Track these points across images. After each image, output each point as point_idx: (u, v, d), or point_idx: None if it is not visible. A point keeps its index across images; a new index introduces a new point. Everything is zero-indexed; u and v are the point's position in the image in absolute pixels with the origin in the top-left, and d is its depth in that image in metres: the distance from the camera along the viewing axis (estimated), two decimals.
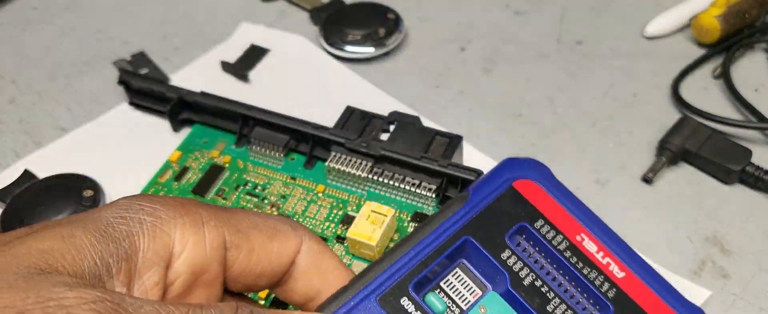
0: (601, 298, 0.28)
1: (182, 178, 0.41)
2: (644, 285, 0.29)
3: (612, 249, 0.29)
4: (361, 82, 0.47)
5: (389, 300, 0.27)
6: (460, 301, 0.28)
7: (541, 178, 0.31)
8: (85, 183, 0.39)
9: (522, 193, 0.30)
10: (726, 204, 0.39)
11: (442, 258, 0.28)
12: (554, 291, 0.28)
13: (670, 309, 0.28)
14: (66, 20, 0.53)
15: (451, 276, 0.29)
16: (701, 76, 0.46)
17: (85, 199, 0.38)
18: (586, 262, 0.29)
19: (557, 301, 0.28)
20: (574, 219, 0.30)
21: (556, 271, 0.29)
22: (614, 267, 0.29)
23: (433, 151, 0.39)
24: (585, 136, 0.43)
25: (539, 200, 0.30)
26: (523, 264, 0.29)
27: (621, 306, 0.28)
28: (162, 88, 0.43)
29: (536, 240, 0.29)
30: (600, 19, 0.51)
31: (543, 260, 0.29)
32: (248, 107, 0.41)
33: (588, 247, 0.29)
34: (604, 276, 0.29)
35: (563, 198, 0.30)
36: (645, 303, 0.28)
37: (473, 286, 0.29)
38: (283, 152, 0.41)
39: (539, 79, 0.47)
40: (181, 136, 0.44)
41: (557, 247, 0.29)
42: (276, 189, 0.40)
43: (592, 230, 0.30)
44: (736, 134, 0.42)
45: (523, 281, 0.28)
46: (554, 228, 0.29)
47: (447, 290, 0.29)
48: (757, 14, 0.47)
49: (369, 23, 0.48)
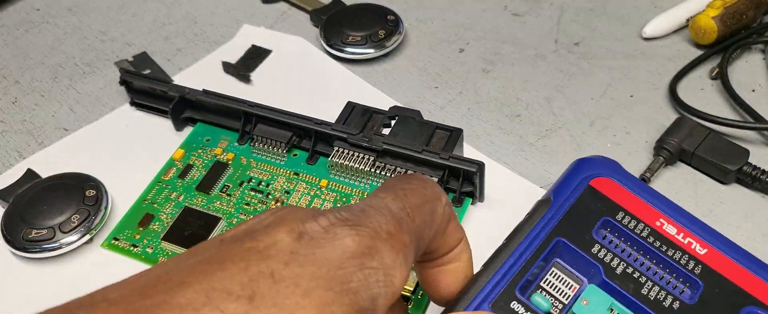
0: (689, 276, 0.30)
1: (186, 176, 0.41)
2: (727, 258, 0.31)
3: (691, 229, 0.32)
4: (361, 82, 0.47)
5: (501, 305, 0.29)
6: (561, 297, 0.31)
7: (613, 174, 0.33)
8: (87, 182, 0.40)
9: (600, 190, 0.33)
10: (723, 204, 0.39)
11: (540, 261, 0.31)
12: (646, 276, 0.31)
13: (757, 278, 0.30)
14: (69, 21, 0.54)
15: (549, 276, 0.31)
16: (698, 76, 0.47)
17: (87, 199, 0.39)
18: (669, 245, 0.31)
19: (650, 284, 0.30)
20: (651, 206, 0.33)
21: (644, 257, 0.31)
22: (696, 245, 0.31)
23: (434, 145, 0.39)
24: (583, 136, 0.43)
25: (616, 194, 0.33)
26: (613, 255, 0.31)
27: (710, 281, 0.30)
28: (164, 87, 0.43)
29: (621, 232, 0.32)
30: (598, 20, 0.51)
31: (630, 249, 0.31)
32: (250, 104, 0.41)
33: (668, 231, 0.32)
34: (689, 255, 0.31)
35: (637, 188, 0.33)
36: (732, 275, 0.31)
37: (571, 282, 0.31)
38: (285, 148, 0.41)
39: (537, 80, 0.47)
40: (184, 134, 0.44)
41: (640, 235, 0.32)
42: (280, 185, 0.40)
43: (669, 214, 0.32)
44: (733, 134, 0.43)
45: (616, 270, 0.31)
46: (635, 217, 0.32)
47: (548, 289, 0.31)
48: (753, 15, 0.48)
49: (369, 24, 0.49)
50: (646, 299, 0.30)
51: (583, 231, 0.32)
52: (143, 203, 0.40)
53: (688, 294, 0.30)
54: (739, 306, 0.30)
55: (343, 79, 0.48)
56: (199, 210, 0.39)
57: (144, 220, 0.39)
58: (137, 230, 0.39)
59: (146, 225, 0.39)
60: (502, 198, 0.40)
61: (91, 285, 0.28)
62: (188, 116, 0.44)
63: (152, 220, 0.39)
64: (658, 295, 0.30)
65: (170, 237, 0.38)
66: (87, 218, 0.38)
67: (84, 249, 0.38)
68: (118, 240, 0.39)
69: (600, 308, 0.30)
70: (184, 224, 0.39)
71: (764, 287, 0.30)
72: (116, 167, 0.43)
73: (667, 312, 0.29)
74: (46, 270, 0.38)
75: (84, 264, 0.38)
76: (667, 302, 0.30)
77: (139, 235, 0.39)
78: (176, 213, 0.39)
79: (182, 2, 0.55)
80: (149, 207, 0.40)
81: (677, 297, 0.30)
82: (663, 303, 0.30)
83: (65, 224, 0.37)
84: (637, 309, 0.30)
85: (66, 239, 0.37)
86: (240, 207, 0.40)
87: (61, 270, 0.38)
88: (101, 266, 0.38)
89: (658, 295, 0.30)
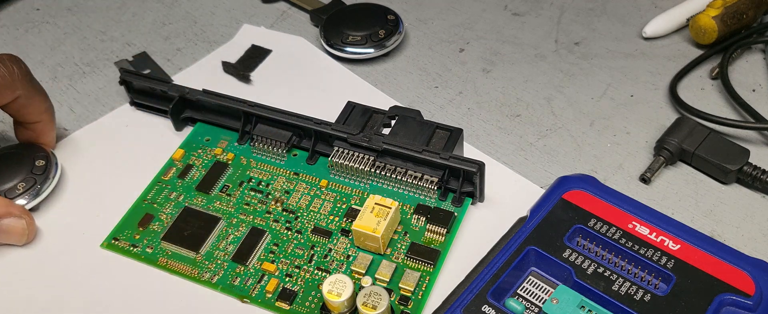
0: (662, 270, 0.33)
1: (186, 176, 0.41)
2: (700, 250, 0.33)
3: (663, 228, 0.34)
4: (361, 82, 0.47)
5: (472, 309, 0.32)
6: (536, 300, 0.33)
7: (587, 186, 0.36)
8: (38, 153, 0.41)
9: (572, 202, 0.35)
10: (723, 204, 0.39)
11: (512, 269, 0.33)
12: (617, 273, 0.33)
13: (731, 266, 0.32)
14: (68, 21, 0.54)
15: (525, 283, 0.34)
16: (699, 76, 0.47)
17: (36, 168, 0.40)
18: (641, 244, 0.34)
19: (621, 281, 0.32)
20: (623, 211, 0.35)
21: (616, 257, 0.33)
22: (668, 242, 0.34)
23: (434, 144, 0.39)
24: (583, 136, 0.43)
25: (588, 204, 0.35)
26: (584, 258, 0.33)
27: (682, 273, 0.32)
28: (164, 87, 0.43)
29: (593, 237, 0.34)
30: (598, 20, 0.51)
31: (602, 251, 0.34)
32: (250, 104, 0.41)
33: (641, 231, 0.34)
34: (661, 251, 0.33)
35: (610, 197, 0.36)
36: (705, 266, 0.33)
37: (545, 286, 0.33)
38: (285, 148, 0.41)
39: (537, 80, 0.47)
40: (183, 134, 0.44)
41: (612, 238, 0.34)
42: (280, 185, 0.40)
43: (641, 217, 0.34)
44: (733, 134, 0.43)
45: (587, 271, 0.33)
46: (606, 223, 0.34)
47: (524, 295, 0.33)
48: (754, 15, 0.48)
49: (369, 24, 0.49)
50: (616, 294, 0.32)
51: (555, 238, 0.34)
52: (143, 203, 0.40)
53: (662, 287, 0.32)
54: (713, 294, 0.32)
55: (343, 79, 0.48)
56: (199, 211, 0.39)
57: (144, 220, 0.39)
58: (137, 230, 0.39)
59: (146, 225, 0.39)
60: (502, 198, 0.40)
61: (91, 285, 0.29)
62: (188, 116, 0.44)
63: (152, 220, 0.39)
64: (629, 290, 0.32)
65: (170, 237, 0.38)
66: (33, 186, 0.39)
67: (83, 250, 0.38)
68: (118, 240, 0.39)
69: (570, 305, 0.32)
70: (184, 224, 0.39)
71: (738, 274, 0.32)
72: (117, 166, 0.43)
73: (638, 304, 0.31)
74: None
75: (84, 264, 0.38)
76: (638, 296, 0.32)
77: (139, 235, 0.39)
78: (176, 213, 0.39)
79: (182, 2, 0.55)
80: (149, 207, 0.40)
81: (649, 291, 0.32)
82: (634, 296, 0.32)
83: (11, 191, 0.39)
84: (606, 304, 0.32)
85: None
86: (240, 207, 0.40)
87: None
88: (101, 266, 0.38)
89: (629, 290, 0.32)
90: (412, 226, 0.38)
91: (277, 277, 0.36)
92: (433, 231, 0.37)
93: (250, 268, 0.37)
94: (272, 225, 0.39)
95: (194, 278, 0.37)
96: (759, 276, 0.32)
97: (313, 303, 0.35)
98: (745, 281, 0.32)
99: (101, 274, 0.37)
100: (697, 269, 0.32)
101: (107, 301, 0.36)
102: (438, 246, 0.37)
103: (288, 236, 0.38)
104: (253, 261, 0.37)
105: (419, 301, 0.35)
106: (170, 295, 0.36)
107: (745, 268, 0.32)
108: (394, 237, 0.37)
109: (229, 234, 0.38)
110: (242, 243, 0.38)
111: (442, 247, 0.37)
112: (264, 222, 0.39)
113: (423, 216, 0.38)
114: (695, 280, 0.32)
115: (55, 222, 0.40)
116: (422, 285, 0.35)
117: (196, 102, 0.43)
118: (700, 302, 0.31)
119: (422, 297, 0.35)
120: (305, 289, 0.36)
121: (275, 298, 0.35)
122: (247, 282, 0.36)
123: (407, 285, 0.35)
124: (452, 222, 0.38)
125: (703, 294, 0.32)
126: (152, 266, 0.37)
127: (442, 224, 0.37)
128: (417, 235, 0.37)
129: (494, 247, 0.35)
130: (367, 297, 0.33)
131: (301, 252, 0.37)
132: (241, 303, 0.36)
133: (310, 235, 0.38)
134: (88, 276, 0.37)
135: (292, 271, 0.36)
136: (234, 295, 0.36)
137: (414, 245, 0.37)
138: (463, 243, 0.38)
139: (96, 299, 0.36)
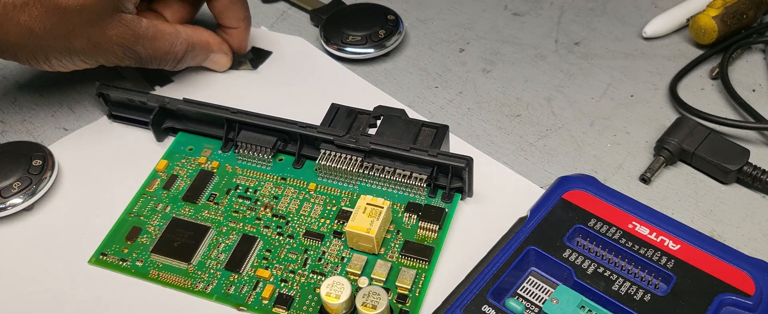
0: (662, 270, 0.33)
1: (171, 187, 0.41)
2: (700, 250, 0.33)
3: (663, 228, 0.34)
4: (361, 82, 0.47)
5: (472, 309, 0.32)
6: (536, 300, 0.33)
7: (587, 186, 0.36)
8: (36, 152, 0.41)
9: (572, 202, 0.36)
10: (723, 204, 0.39)
11: (512, 269, 0.33)
12: (617, 273, 0.33)
13: (731, 266, 0.32)
14: None
15: (526, 283, 0.34)
16: (699, 76, 0.47)
17: (33, 168, 0.40)
18: (641, 244, 0.34)
19: (621, 281, 0.33)
20: (624, 211, 0.35)
21: (616, 257, 0.34)
22: (669, 242, 0.34)
23: (421, 142, 0.39)
24: (583, 136, 0.43)
25: (589, 204, 0.35)
26: (584, 258, 0.33)
27: (682, 273, 0.32)
28: (142, 98, 0.42)
29: (593, 237, 0.34)
30: (598, 20, 0.51)
31: (602, 251, 0.34)
32: (232, 111, 0.41)
33: (641, 231, 0.34)
34: (661, 251, 0.33)
35: (610, 197, 0.36)
36: (706, 266, 0.33)
37: (545, 286, 0.33)
38: (271, 154, 0.41)
39: (537, 80, 0.47)
40: (165, 145, 0.43)
41: (612, 238, 0.34)
42: (268, 191, 0.40)
43: (641, 217, 0.35)
44: (733, 134, 0.43)
45: (587, 271, 0.33)
46: (607, 223, 0.34)
47: (524, 295, 0.33)
48: (754, 15, 0.48)
49: (369, 24, 0.49)
50: (616, 294, 0.32)
51: (555, 238, 0.34)
52: (129, 216, 0.39)
53: (662, 287, 0.32)
54: (713, 294, 0.32)
55: (342, 79, 0.48)
56: (188, 221, 0.39)
57: (131, 234, 0.38)
58: (125, 244, 0.38)
59: (134, 238, 0.38)
60: (502, 198, 0.40)
61: (82, 303, 0.29)
62: (169, 126, 0.43)
63: (140, 233, 0.39)
64: (629, 290, 0.32)
65: (160, 249, 0.37)
66: (28, 186, 0.39)
67: (71, 267, 0.37)
68: (106, 255, 0.38)
69: (570, 305, 0.32)
70: (173, 235, 0.38)
71: (738, 274, 0.32)
72: (98, 180, 0.42)
73: (638, 304, 0.31)
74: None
75: (72, 281, 0.37)
76: (638, 295, 0.32)
77: (128, 249, 0.38)
78: (164, 225, 0.39)
79: None
80: (136, 220, 0.39)
81: (649, 291, 0.32)
82: (634, 296, 0.32)
83: (6, 189, 0.39)
84: (606, 304, 0.32)
85: (8, 203, 0.39)
86: (229, 215, 0.39)
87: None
88: (90, 283, 0.37)
89: (629, 290, 0.32)
90: (404, 225, 0.38)
91: (273, 283, 0.36)
92: (426, 228, 0.37)
93: (244, 276, 0.36)
94: (263, 231, 0.38)
95: (188, 289, 0.36)
96: (759, 276, 0.32)
97: (310, 307, 0.35)
98: (745, 281, 0.32)
99: (91, 290, 0.36)
100: (697, 269, 0.33)
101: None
102: (431, 242, 0.37)
103: (280, 241, 0.38)
104: (247, 268, 0.37)
105: (417, 298, 0.35)
106: (165, 308, 0.36)
107: (745, 268, 0.32)
108: (387, 237, 0.37)
109: (220, 243, 0.38)
110: (234, 251, 0.37)
111: (436, 244, 0.37)
112: (254, 228, 0.38)
113: (414, 214, 0.38)
114: (695, 280, 0.32)
115: (48, 228, 0.39)
116: (418, 282, 0.35)
117: (177, 111, 0.42)
118: (700, 302, 0.31)
119: (419, 295, 0.35)
120: (302, 293, 0.36)
121: (272, 304, 0.35)
122: (243, 289, 0.36)
123: (404, 283, 0.35)
124: (444, 218, 0.38)
125: (703, 294, 0.32)
126: (144, 279, 0.37)
127: (433, 221, 0.37)
128: (410, 233, 0.37)
129: (494, 247, 0.35)
130: (366, 297, 0.33)
131: (295, 256, 0.37)
132: (237, 311, 0.35)
133: (303, 239, 0.38)
134: (77, 292, 0.36)
135: (287, 276, 0.36)
136: (230, 304, 0.35)
137: (408, 243, 0.37)
138: (458, 240, 0.38)
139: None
